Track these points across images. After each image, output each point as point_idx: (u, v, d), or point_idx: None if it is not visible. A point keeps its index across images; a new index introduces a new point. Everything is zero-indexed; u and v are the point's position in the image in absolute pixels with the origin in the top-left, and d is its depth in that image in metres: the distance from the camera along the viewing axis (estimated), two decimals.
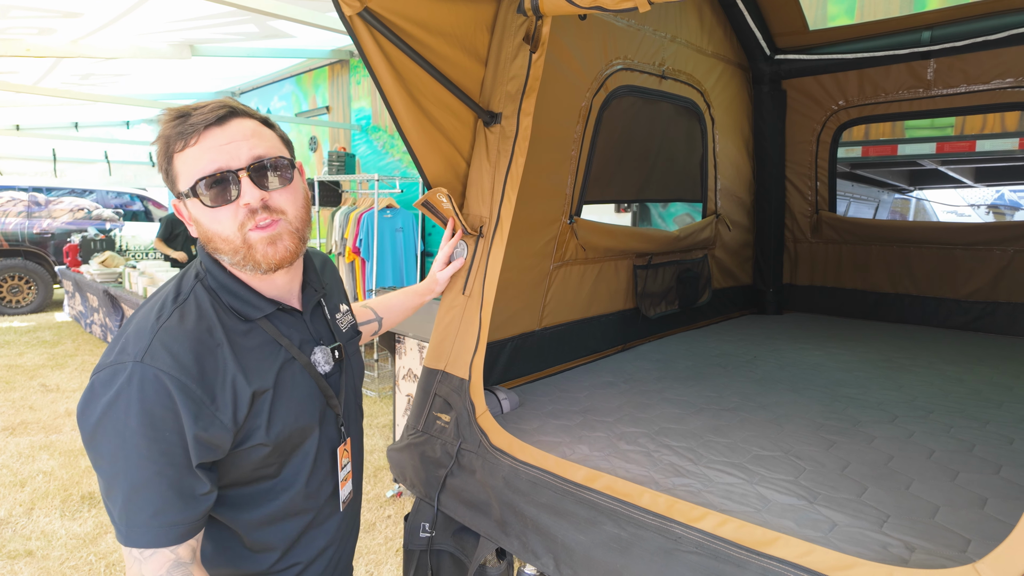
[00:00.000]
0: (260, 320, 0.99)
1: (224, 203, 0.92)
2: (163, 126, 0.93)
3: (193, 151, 0.91)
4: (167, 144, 0.93)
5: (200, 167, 0.91)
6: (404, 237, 5.56)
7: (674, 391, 1.99)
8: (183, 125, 0.91)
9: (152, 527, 0.86)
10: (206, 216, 0.93)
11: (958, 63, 2.62)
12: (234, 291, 0.98)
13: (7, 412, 4.79)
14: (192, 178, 0.91)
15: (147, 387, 0.85)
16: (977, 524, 1.20)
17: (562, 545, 1.24)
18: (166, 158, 0.93)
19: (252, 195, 0.92)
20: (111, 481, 0.86)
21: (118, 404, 0.85)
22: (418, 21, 1.41)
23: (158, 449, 0.85)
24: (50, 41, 4.52)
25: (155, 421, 0.85)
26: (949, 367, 2.29)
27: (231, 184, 0.91)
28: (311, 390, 1.04)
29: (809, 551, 1.02)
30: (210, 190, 0.91)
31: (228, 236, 0.93)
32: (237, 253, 0.94)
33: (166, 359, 0.86)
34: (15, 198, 9.20)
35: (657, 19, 2.45)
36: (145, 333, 0.89)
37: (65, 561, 2.81)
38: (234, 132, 0.93)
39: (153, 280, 5.91)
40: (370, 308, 1.47)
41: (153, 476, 0.85)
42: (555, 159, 2.10)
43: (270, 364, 0.98)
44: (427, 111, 1.50)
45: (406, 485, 1.62)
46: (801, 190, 3.25)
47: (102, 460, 0.86)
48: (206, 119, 0.91)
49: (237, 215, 0.93)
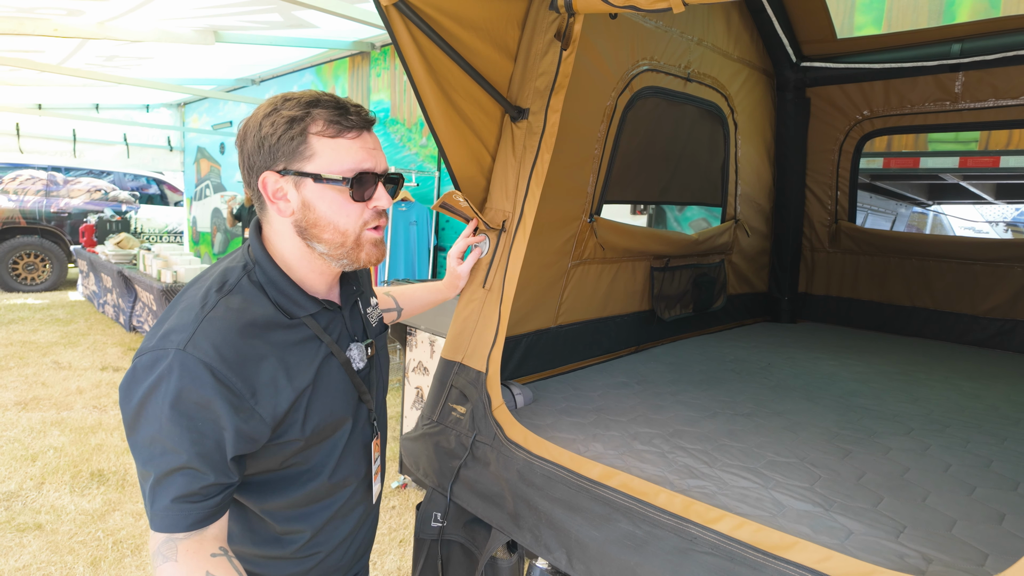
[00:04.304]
0: (304, 318, 1.00)
1: (362, 199, 0.98)
2: (319, 109, 0.94)
3: (346, 142, 0.96)
4: (310, 121, 0.94)
5: (357, 160, 0.96)
6: (418, 231, 5.57)
7: (688, 394, 1.98)
8: (342, 116, 0.95)
9: (173, 511, 0.86)
10: (335, 205, 0.96)
11: (987, 77, 2.60)
12: (283, 288, 0.99)
13: (20, 387, 4.85)
14: (345, 166, 0.95)
15: (187, 377, 0.85)
16: (995, 539, 1.19)
17: (575, 540, 1.24)
18: (302, 133, 0.94)
19: (386, 201, 1.00)
20: (146, 465, 0.87)
21: (158, 391, 0.85)
22: (451, 14, 1.41)
23: (189, 439, 0.86)
24: (78, 22, 4.56)
25: (191, 411, 0.85)
26: (966, 382, 2.27)
27: (371, 185, 0.98)
28: (346, 386, 1.05)
29: (827, 557, 1.02)
30: (358, 184, 0.96)
31: (346, 229, 0.98)
32: (343, 247, 0.99)
33: (209, 350, 0.87)
34: (34, 176, 9.31)
35: (685, 21, 2.44)
36: (189, 322, 0.89)
37: (73, 536, 2.84)
38: (377, 141, 1.02)
39: (167, 263, 5.95)
40: (391, 296, 1.48)
41: (182, 464, 0.86)
42: (578, 157, 2.10)
43: (310, 360, 0.99)
44: (456, 104, 1.51)
45: (419, 474, 1.63)
46: (821, 199, 3.23)
47: (139, 444, 0.87)
48: (364, 121, 0.98)
49: (363, 214, 0.99)
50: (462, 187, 1.59)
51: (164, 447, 0.86)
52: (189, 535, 0.87)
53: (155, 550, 0.87)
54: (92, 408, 4.49)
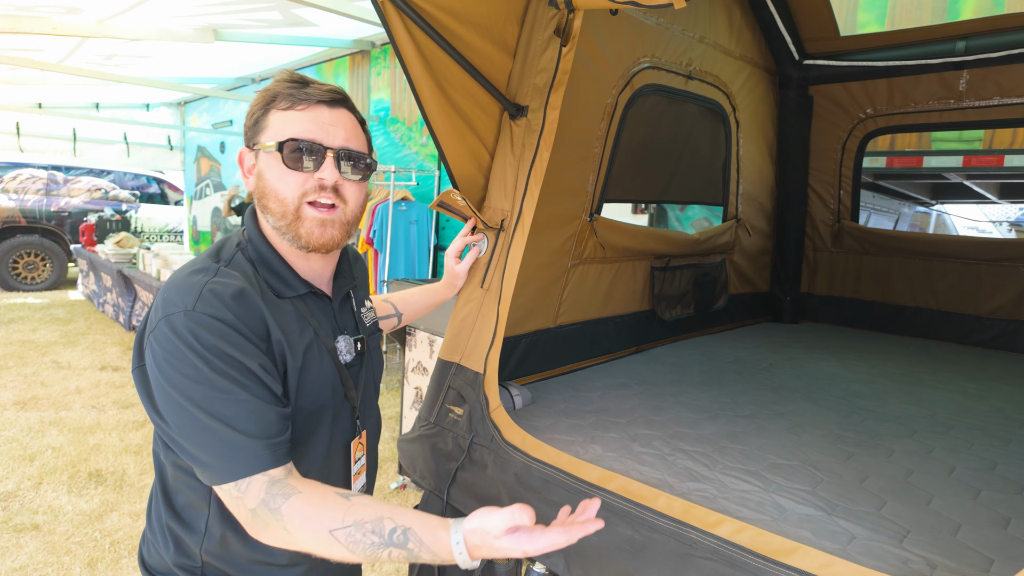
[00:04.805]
0: (292, 299, 1.01)
1: (300, 169, 0.97)
2: (277, 83, 0.99)
3: (294, 114, 0.97)
4: (272, 98, 0.99)
5: (295, 130, 0.97)
6: (418, 230, 5.55)
7: (689, 396, 1.96)
8: (297, 90, 0.98)
9: (235, 458, 0.86)
10: (275, 173, 0.98)
11: (992, 75, 2.57)
12: (272, 266, 1.01)
13: (19, 386, 4.84)
14: (283, 135, 0.96)
15: (203, 330, 0.87)
16: (1000, 544, 1.17)
17: (574, 545, 1.22)
18: (263, 109, 0.99)
19: (330, 174, 0.98)
20: (190, 425, 0.87)
21: (181, 352, 0.86)
22: (448, 9, 1.39)
23: (226, 384, 0.86)
24: (77, 20, 4.54)
25: (217, 354, 0.87)
26: (969, 384, 2.25)
27: (315, 156, 0.97)
28: (332, 377, 1.04)
29: (829, 563, 1.00)
30: (294, 153, 0.96)
31: (286, 198, 0.97)
32: (285, 217, 0.98)
33: (219, 307, 0.89)
34: (34, 176, 9.30)
35: (686, 19, 2.42)
36: (193, 287, 0.90)
37: (71, 537, 2.82)
38: (338, 118, 1.00)
39: (167, 262, 5.94)
40: (390, 303, 1.47)
41: (231, 406, 0.87)
42: (578, 155, 2.08)
43: (299, 340, 0.99)
44: (454, 101, 1.49)
45: (416, 477, 1.61)
46: (824, 198, 3.20)
47: (174, 407, 0.87)
48: (320, 96, 0.98)
49: (305, 184, 0.98)
50: (460, 185, 1.57)
51: (207, 399, 0.86)
52: (286, 469, 0.89)
53: (259, 500, 0.86)
54: (91, 408, 4.48)
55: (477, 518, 0.86)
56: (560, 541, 0.86)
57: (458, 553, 0.85)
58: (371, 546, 0.84)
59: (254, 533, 0.88)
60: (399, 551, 0.85)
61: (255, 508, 0.86)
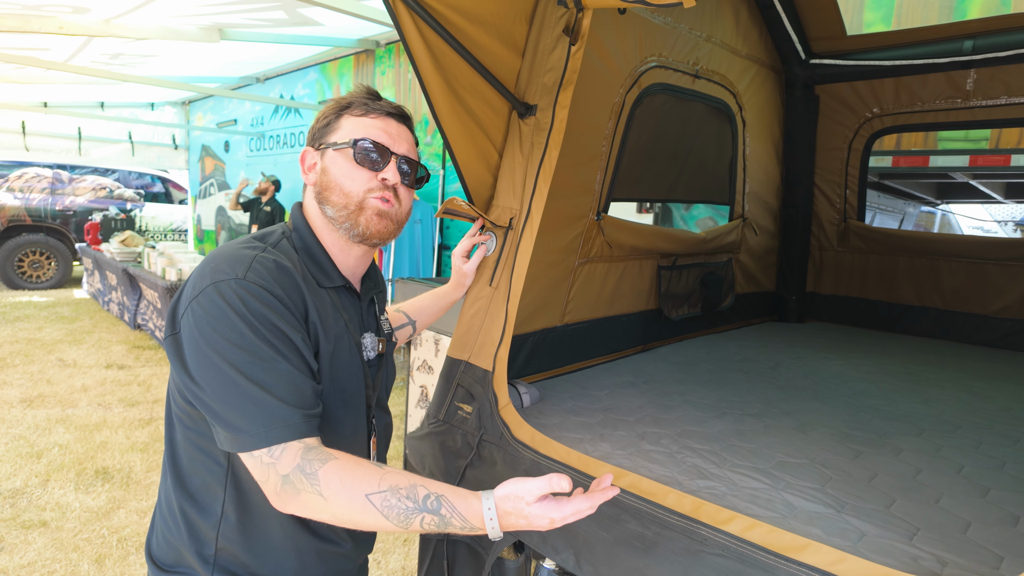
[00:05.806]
0: (328, 289, 1.06)
1: (369, 168, 1.06)
2: (352, 94, 1.11)
3: (368, 120, 1.08)
4: (347, 105, 1.09)
5: (367, 132, 1.07)
6: (422, 229, 5.56)
7: (696, 394, 1.97)
8: (371, 101, 1.10)
9: (272, 423, 0.87)
10: (343, 169, 1.06)
11: (1000, 74, 2.57)
12: (315, 255, 1.07)
13: (25, 384, 4.86)
14: (356, 136, 1.06)
15: (252, 298, 0.90)
16: (1010, 541, 1.17)
17: (583, 541, 1.22)
18: (336, 114, 1.09)
19: (393, 175, 1.08)
20: (228, 389, 0.88)
21: (228, 317, 0.89)
22: (459, 9, 1.40)
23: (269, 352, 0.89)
24: (83, 19, 4.56)
25: (263, 322, 0.90)
26: (976, 383, 2.25)
27: (383, 158, 1.07)
28: (356, 369, 1.07)
29: (840, 559, 1.00)
30: (364, 152, 1.06)
31: (351, 192, 1.05)
32: (346, 208, 1.05)
33: (268, 279, 0.94)
34: (40, 174, 9.33)
35: (693, 18, 2.42)
36: (244, 258, 0.95)
37: (78, 533, 2.84)
38: (402, 131, 1.12)
39: (172, 261, 5.96)
40: (403, 312, 1.48)
41: (272, 375, 0.89)
42: (586, 154, 2.08)
43: (333, 327, 1.03)
44: (463, 100, 1.49)
45: (424, 473, 1.62)
46: (830, 197, 3.20)
47: (212, 370, 0.88)
48: (391, 109, 1.11)
49: (371, 182, 1.06)
50: (469, 184, 1.58)
51: (246, 364, 0.88)
52: (318, 440, 0.91)
53: (294, 465, 0.86)
54: (97, 405, 4.50)
55: (510, 485, 0.89)
56: (584, 508, 0.89)
57: (488, 519, 0.88)
58: (405, 511, 0.86)
59: (280, 501, 0.88)
60: (432, 517, 0.87)
61: (288, 474, 0.86)
